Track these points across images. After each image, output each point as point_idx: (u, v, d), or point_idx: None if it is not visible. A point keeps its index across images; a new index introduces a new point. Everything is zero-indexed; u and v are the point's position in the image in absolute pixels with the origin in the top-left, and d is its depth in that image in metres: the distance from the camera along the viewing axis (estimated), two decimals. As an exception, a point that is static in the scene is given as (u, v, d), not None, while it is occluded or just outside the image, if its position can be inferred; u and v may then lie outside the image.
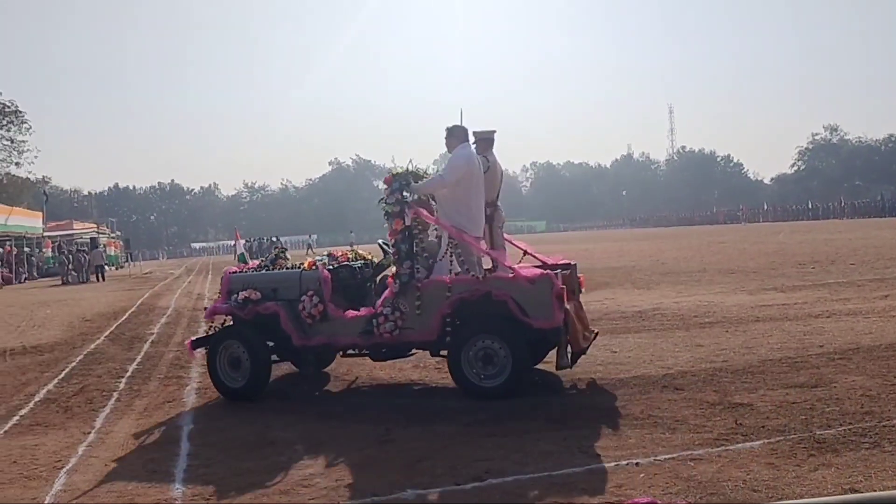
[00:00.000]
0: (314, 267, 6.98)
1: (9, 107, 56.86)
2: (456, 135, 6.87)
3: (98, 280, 31.88)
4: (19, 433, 6.15)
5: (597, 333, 7.26)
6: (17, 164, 59.12)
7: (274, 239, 58.76)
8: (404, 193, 6.57)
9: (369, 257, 7.70)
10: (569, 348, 6.41)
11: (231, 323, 7.12)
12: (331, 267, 7.09)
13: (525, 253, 7.76)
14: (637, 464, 4.39)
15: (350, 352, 6.88)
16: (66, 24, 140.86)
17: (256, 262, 8.14)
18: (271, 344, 6.98)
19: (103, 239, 47.53)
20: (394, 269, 6.70)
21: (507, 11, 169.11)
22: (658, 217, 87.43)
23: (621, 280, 16.24)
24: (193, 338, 7.42)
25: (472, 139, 7.07)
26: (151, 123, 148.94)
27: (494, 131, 7.39)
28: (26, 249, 38.91)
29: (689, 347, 7.88)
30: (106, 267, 36.18)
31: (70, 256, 34.40)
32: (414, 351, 6.99)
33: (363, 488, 4.32)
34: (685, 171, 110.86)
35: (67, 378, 8.56)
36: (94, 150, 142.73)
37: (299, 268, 7.09)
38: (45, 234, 43.26)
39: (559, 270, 6.83)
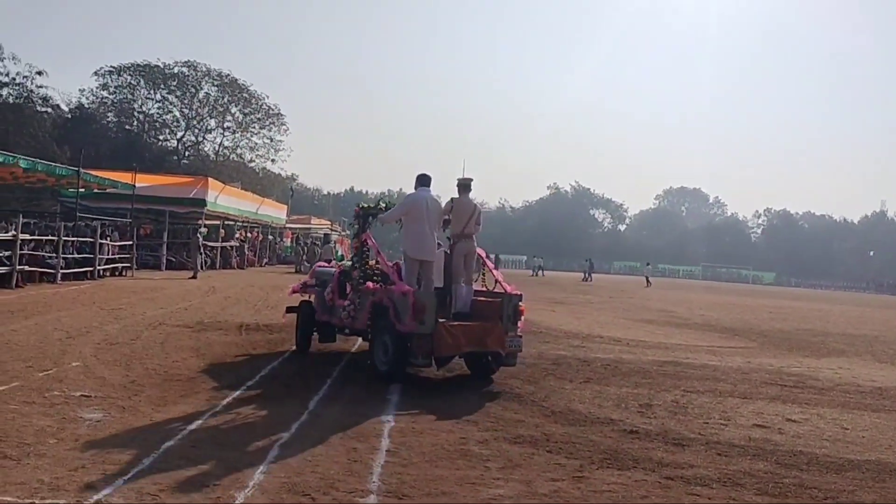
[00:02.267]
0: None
1: (273, 109, 63.51)
2: (418, 180, 8.91)
3: (326, 273, 34.33)
4: (244, 402, 6.75)
5: (508, 355, 8.47)
6: (272, 160, 65.87)
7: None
8: (370, 220, 9.15)
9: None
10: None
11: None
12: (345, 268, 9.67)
13: (495, 279, 9.37)
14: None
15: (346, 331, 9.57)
16: (323, 37, 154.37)
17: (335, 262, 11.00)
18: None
19: (335, 236, 51.33)
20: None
21: (751, 55, 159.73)
22: (910, 285, 77.85)
23: (860, 350, 14.62)
24: (287, 306, 10.70)
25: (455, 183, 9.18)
26: (387, 135, 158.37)
27: (471, 179, 9.13)
28: (270, 237, 43.03)
29: (939, 438, 6.85)
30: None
31: (305, 248, 37.56)
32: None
33: (552, 521, 4.19)
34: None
35: (290, 359, 9.30)
36: (336, 154, 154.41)
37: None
38: (287, 225, 47.55)
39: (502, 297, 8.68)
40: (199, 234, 26.52)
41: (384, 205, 9.33)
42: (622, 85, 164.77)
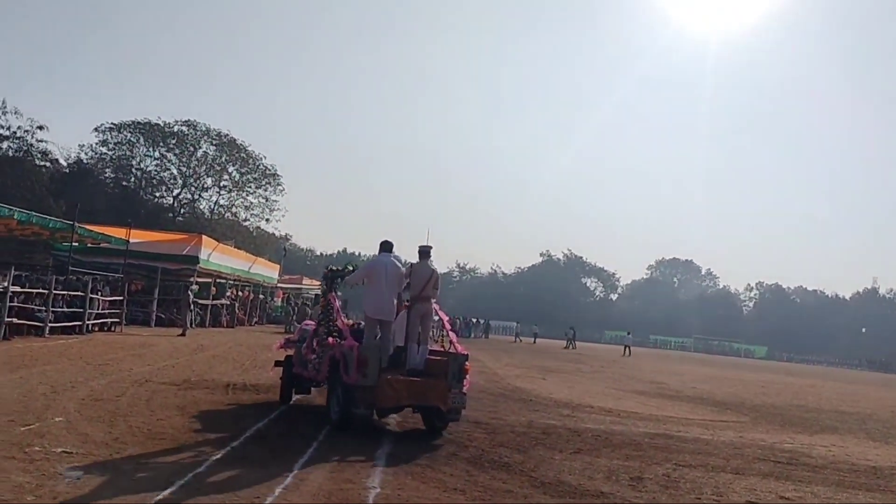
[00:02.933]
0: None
1: (270, 170, 64.14)
2: (381, 246, 9.78)
3: (316, 334, 34.09)
4: (228, 463, 6.61)
5: (450, 410, 8.95)
6: (266, 219, 66.16)
7: (474, 320, 60.05)
8: (337, 281, 10.09)
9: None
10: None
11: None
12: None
13: (450, 340, 10.08)
14: None
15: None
16: (320, 99, 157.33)
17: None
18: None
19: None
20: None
21: (743, 129, 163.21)
22: (903, 364, 77.64)
23: (853, 427, 14.51)
24: (275, 360, 11.44)
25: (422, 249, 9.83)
26: (381, 197, 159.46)
27: (430, 246, 9.79)
28: (261, 296, 42.87)
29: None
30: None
31: (296, 308, 37.36)
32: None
33: None
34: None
35: (277, 420, 9.16)
36: (330, 215, 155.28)
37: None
38: (279, 285, 47.43)
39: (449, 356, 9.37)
40: (190, 292, 26.40)
41: (351, 267, 10.30)
42: (617, 155, 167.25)
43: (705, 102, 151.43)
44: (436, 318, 10.24)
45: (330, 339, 9.37)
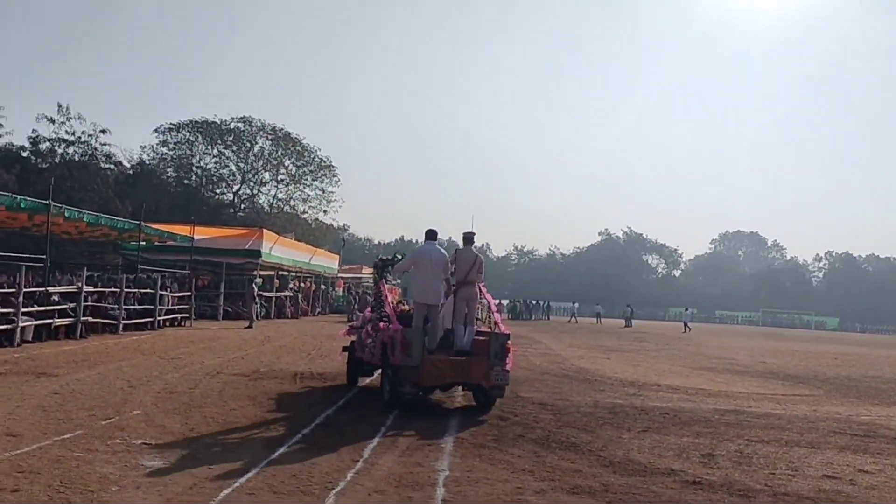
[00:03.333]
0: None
1: (325, 162, 64.91)
2: (426, 235, 10.20)
3: (378, 322, 34.50)
4: (300, 450, 6.76)
5: (493, 387, 9.32)
6: (324, 211, 67.06)
7: (534, 302, 59.75)
8: (387, 270, 11.13)
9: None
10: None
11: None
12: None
13: (495, 321, 10.46)
14: None
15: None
16: (373, 88, 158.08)
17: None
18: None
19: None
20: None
21: (807, 90, 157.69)
22: None
23: (933, 397, 13.97)
24: (343, 346, 12.14)
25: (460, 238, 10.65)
26: (437, 184, 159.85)
27: (473, 233, 10.27)
28: (323, 287, 43.54)
29: None
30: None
31: (357, 297, 37.84)
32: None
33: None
34: None
35: (344, 407, 9.33)
36: (387, 205, 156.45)
37: None
38: (339, 275, 48.08)
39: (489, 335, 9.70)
40: (254, 285, 26.99)
41: (400, 256, 11.17)
42: (674, 128, 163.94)
43: (762, 68, 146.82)
44: (483, 300, 10.80)
45: (381, 325, 9.94)
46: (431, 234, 10.20)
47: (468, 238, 10.27)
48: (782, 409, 11.23)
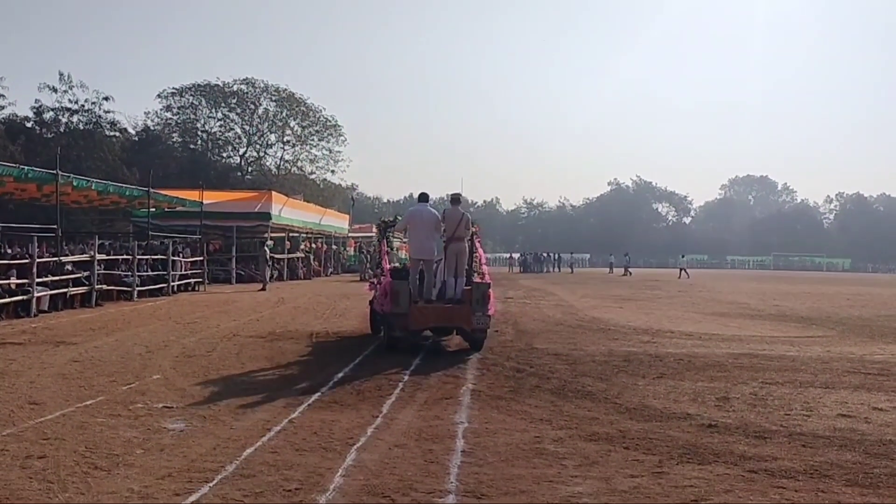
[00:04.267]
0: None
1: (330, 121, 64.55)
2: (419, 197, 11.41)
3: (390, 279, 34.63)
4: (320, 408, 6.85)
5: (475, 330, 10.48)
6: (332, 171, 67.00)
7: (545, 255, 59.73)
8: (387, 231, 12.39)
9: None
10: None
11: None
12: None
13: (481, 272, 11.85)
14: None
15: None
16: (377, 47, 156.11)
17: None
18: None
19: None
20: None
21: (811, 31, 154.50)
22: None
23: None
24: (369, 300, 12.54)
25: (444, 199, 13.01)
26: (444, 141, 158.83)
27: (459, 194, 11.45)
28: (334, 247, 43.65)
29: None
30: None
31: (368, 256, 37.90)
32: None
33: (634, 517, 4.12)
34: None
35: (361, 364, 9.42)
36: (394, 162, 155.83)
37: None
38: (350, 234, 48.16)
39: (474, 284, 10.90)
40: (266, 247, 27.09)
41: (400, 218, 11.97)
42: (678, 74, 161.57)
43: (768, 11, 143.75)
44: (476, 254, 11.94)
45: (382, 279, 11.22)
46: (423, 197, 11.37)
47: (455, 199, 11.47)
48: (796, 350, 11.26)
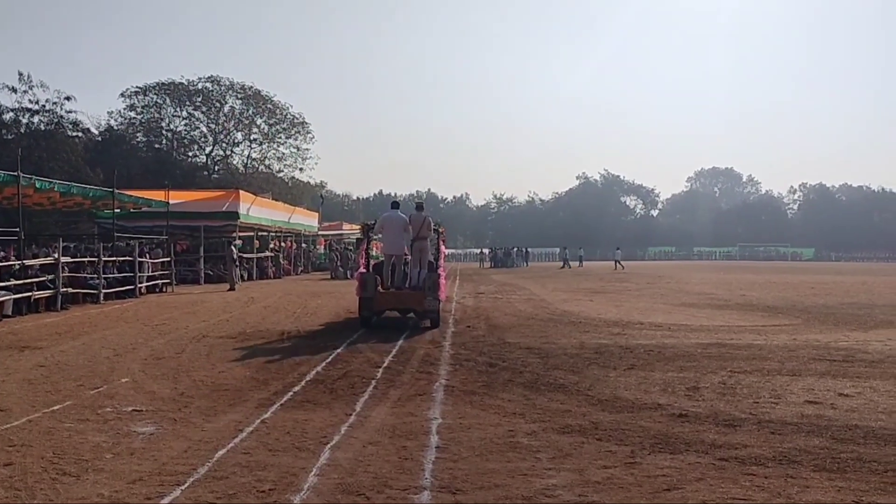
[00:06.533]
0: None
1: (298, 118, 64.08)
2: (391, 205, 13.93)
3: (361, 277, 34.53)
4: (292, 408, 6.80)
5: (426, 311, 12.85)
6: (300, 169, 66.64)
7: (515, 250, 60.01)
8: (369, 233, 14.59)
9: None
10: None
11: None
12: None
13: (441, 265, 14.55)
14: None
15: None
16: (340, 42, 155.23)
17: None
18: None
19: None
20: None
21: (774, 23, 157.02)
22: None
23: (908, 320, 14.30)
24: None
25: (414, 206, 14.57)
26: (412, 138, 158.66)
27: (422, 201, 13.74)
28: (304, 245, 43.38)
29: None
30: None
31: (338, 254, 37.77)
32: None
33: (608, 508, 4.16)
34: None
35: (333, 363, 9.37)
36: (363, 160, 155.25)
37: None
38: (320, 232, 47.89)
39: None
40: (233, 247, 26.82)
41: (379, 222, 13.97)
42: (642, 68, 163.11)
43: (729, 3, 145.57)
44: (448, 250, 14.36)
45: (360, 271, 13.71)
46: (395, 205, 13.91)
47: (419, 206, 14.25)
48: (763, 339, 11.45)
